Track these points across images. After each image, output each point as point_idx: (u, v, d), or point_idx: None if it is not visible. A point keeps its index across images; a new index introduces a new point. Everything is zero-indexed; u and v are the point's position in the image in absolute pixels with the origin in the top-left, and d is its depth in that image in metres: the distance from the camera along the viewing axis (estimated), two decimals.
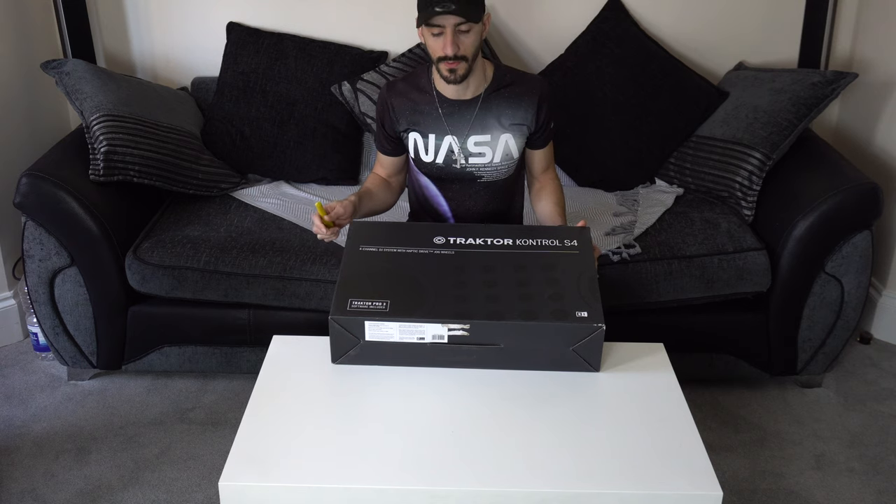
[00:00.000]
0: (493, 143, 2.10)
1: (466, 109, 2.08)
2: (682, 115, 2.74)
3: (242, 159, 2.76)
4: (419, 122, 2.11)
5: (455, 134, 2.09)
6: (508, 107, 2.08)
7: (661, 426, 1.56)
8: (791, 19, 2.89)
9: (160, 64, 3.01)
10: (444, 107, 2.08)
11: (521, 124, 2.10)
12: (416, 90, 2.12)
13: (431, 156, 2.12)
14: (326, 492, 1.42)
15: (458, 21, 1.92)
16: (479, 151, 2.10)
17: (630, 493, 1.41)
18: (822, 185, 2.32)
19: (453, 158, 2.11)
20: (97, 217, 2.29)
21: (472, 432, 1.53)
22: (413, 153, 2.15)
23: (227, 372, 2.50)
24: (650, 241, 2.40)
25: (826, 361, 2.46)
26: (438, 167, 2.13)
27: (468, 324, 1.64)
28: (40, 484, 2.13)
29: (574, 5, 2.89)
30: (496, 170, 2.13)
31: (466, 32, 1.95)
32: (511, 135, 2.10)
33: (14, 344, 2.74)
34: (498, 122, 2.08)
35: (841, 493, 2.13)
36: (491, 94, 2.08)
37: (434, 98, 2.09)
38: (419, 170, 2.18)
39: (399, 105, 2.12)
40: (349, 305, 1.68)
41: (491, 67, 2.11)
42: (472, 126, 2.08)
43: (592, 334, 1.65)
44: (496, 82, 2.09)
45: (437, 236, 1.87)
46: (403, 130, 2.14)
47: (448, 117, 2.08)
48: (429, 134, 2.11)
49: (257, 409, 1.59)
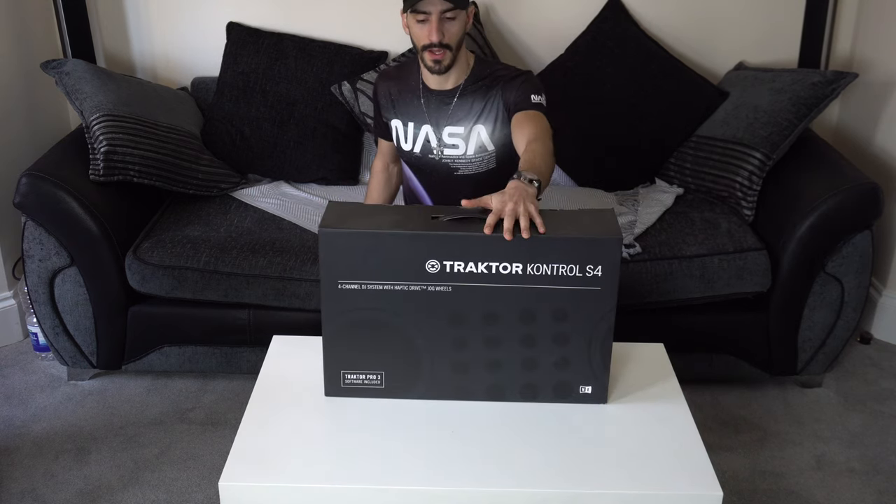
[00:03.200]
0: (466, 136, 2.10)
1: (446, 100, 2.09)
2: (682, 115, 2.74)
3: (242, 159, 2.76)
4: (401, 109, 2.15)
5: (433, 123, 2.11)
6: (482, 97, 2.08)
7: (661, 426, 1.56)
8: (791, 19, 2.89)
9: (160, 64, 3.01)
10: (426, 96, 2.10)
11: (490, 113, 2.06)
12: (403, 78, 2.16)
13: (410, 144, 2.16)
14: (326, 492, 1.42)
15: (445, 7, 1.93)
16: (452, 143, 2.11)
17: (630, 493, 1.41)
18: (822, 185, 2.32)
19: (430, 148, 2.13)
20: (97, 217, 2.29)
21: (472, 432, 1.53)
22: (395, 140, 2.20)
23: (227, 372, 2.50)
24: (650, 241, 2.40)
25: (826, 361, 2.46)
26: (416, 156, 2.17)
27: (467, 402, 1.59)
28: (40, 484, 2.13)
29: (574, 5, 2.89)
30: (471, 162, 2.13)
31: (452, 20, 1.96)
32: (483, 126, 2.09)
33: (14, 344, 2.74)
34: (472, 114, 2.09)
35: (841, 493, 2.13)
36: (469, 86, 2.09)
37: (418, 87, 2.12)
38: (402, 158, 2.23)
39: (384, 91, 2.17)
40: (343, 381, 1.58)
41: (473, 60, 2.12)
42: (449, 117, 2.09)
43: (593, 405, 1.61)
44: (474, 76, 2.09)
45: (431, 260, 1.46)
46: (387, 117, 2.19)
47: (428, 106, 2.11)
48: (409, 122, 2.14)
49: (257, 409, 1.59)
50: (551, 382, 1.56)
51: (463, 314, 1.49)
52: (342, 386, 1.59)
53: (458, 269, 1.46)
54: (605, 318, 1.49)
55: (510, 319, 1.49)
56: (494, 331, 1.51)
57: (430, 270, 1.47)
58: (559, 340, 1.51)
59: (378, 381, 1.58)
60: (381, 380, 1.58)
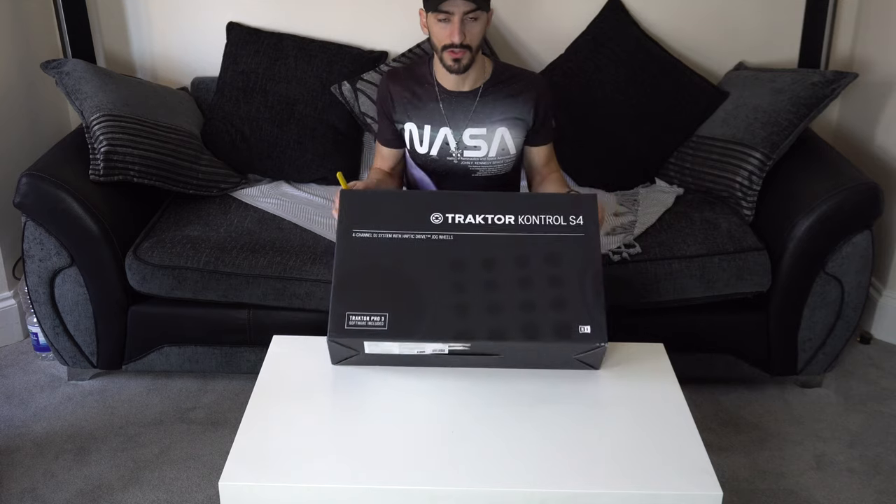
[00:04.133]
0: (489, 137, 2.09)
1: (466, 101, 2.08)
2: (682, 115, 2.74)
3: (242, 159, 2.76)
4: (416, 112, 2.11)
5: (452, 126, 2.09)
6: (506, 101, 2.08)
7: (661, 426, 1.56)
8: (791, 19, 2.89)
9: (160, 64, 3.01)
10: (444, 98, 2.08)
11: (519, 119, 2.09)
12: (415, 80, 2.12)
13: (426, 147, 2.12)
14: (326, 492, 1.42)
15: (469, 8, 1.91)
16: (474, 145, 2.10)
17: (630, 493, 1.41)
18: (822, 185, 2.32)
19: (448, 151, 2.11)
20: (97, 217, 2.29)
21: (472, 432, 1.53)
22: (409, 144, 2.16)
23: (227, 372, 2.50)
24: (650, 241, 2.40)
25: (826, 361, 2.45)
26: (432, 159, 2.13)
27: (469, 343, 1.62)
28: (40, 484, 2.13)
29: (574, 5, 2.89)
30: (491, 164, 2.12)
31: (474, 21, 1.94)
32: (507, 129, 2.09)
33: (14, 344, 2.74)
34: (495, 116, 2.08)
35: (841, 493, 2.13)
36: (490, 88, 2.08)
37: (434, 88, 2.09)
38: (415, 162, 2.18)
39: (398, 93, 2.12)
40: (346, 323, 1.62)
41: (490, 63, 2.11)
42: (471, 118, 2.08)
43: (594, 349, 1.64)
44: (495, 77, 2.09)
45: (435, 213, 1.71)
46: (400, 120, 2.14)
47: (447, 108, 2.08)
48: (424, 125, 2.11)
49: (257, 409, 1.59)
50: (550, 323, 1.61)
51: (463, 260, 1.66)
52: (346, 328, 1.62)
53: (458, 220, 1.70)
54: (593, 263, 1.67)
55: (507, 263, 1.66)
56: (492, 275, 1.65)
57: (433, 221, 1.70)
58: (553, 283, 1.65)
59: (381, 323, 1.62)
60: (384, 321, 1.62)
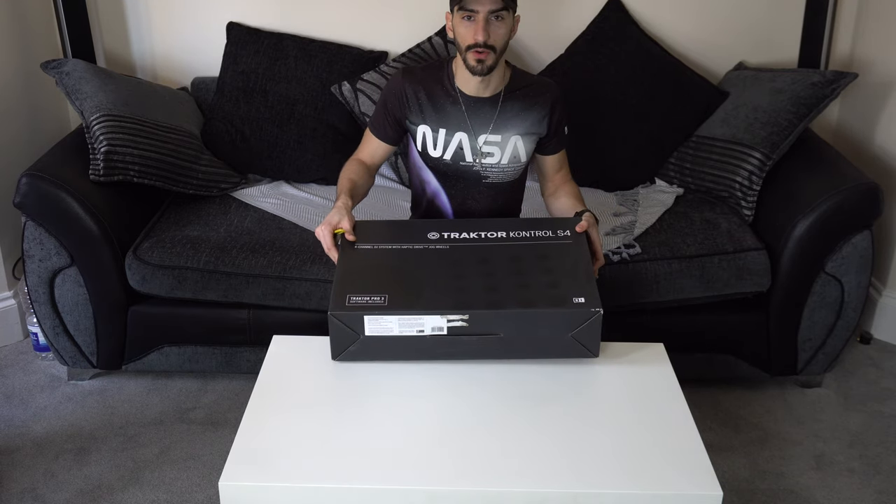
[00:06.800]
0: (503, 144, 2.08)
1: (488, 107, 2.06)
2: (682, 115, 2.74)
3: (242, 159, 2.76)
4: (434, 115, 2.06)
5: (472, 131, 2.07)
6: (523, 109, 2.06)
7: (661, 426, 1.56)
8: (791, 19, 2.89)
9: (160, 64, 3.01)
10: (465, 102, 2.06)
11: (533, 129, 2.08)
12: (434, 82, 2.07)
13: (440, 151, 2.09)
14: (326, 492, 1.42)
15: (495, 7, 1.89)
16: (489, 151, 2.08)
17: (630, 493, 1.41)
18: (822, 185, 2.32)
19: (462, 155, 2.09)
20: (97, 217, 2.29)
21: (472, 432, 1.53)
22: (420, 146, 2.11)
23: (227, 372, 2.50)
24: (650, 241, 2.40)
25: (826, 361, 2.46)
26: (445, 163, 2.11)
27: (467, 314, 1.65)
28: (40, 484, 2.13)
29: (574, 5, 2.89)
30: (502, 171, 2.11)
31: (500, 21, 1.92)
32: (521, 137, 2.08)
33: (14, 344, 2.74)
34: (512, 124, 2.06)
35: (841, 493, 2.13)
36: (508, 95, 2.06)
37: (453, 93, 2.06)
38: (426, 164, 2.15)
39: (415, 93, 2.07)
40: (347, 301, 1.68)
41: (509, 69, 2.09)
42: (491, 126, 2.06)
43: (590, 319, 1.66)
44: (513, 83, 2.07)
45: (431, 232, 1.88)
46: (414, 122, 2.09)
47: (470, 114, 2.06)
48: (440, 128, 2.07)
49: (257, 409, 1.59)
50: (546, 296, 1.70)
51: (460, 261, 1.80)
52: (346, 305, 1.67)
53: (454, 235, 1.88)
54: (582, 258, 1.81)
55: (501, 262, 1.80)
56: (489, 268, 1.78)
57: (430, 237, 1.87)
58: (546, 272, 1.76)
59: (382, 301, 1.68)
60: (384, 300, 1.68)
